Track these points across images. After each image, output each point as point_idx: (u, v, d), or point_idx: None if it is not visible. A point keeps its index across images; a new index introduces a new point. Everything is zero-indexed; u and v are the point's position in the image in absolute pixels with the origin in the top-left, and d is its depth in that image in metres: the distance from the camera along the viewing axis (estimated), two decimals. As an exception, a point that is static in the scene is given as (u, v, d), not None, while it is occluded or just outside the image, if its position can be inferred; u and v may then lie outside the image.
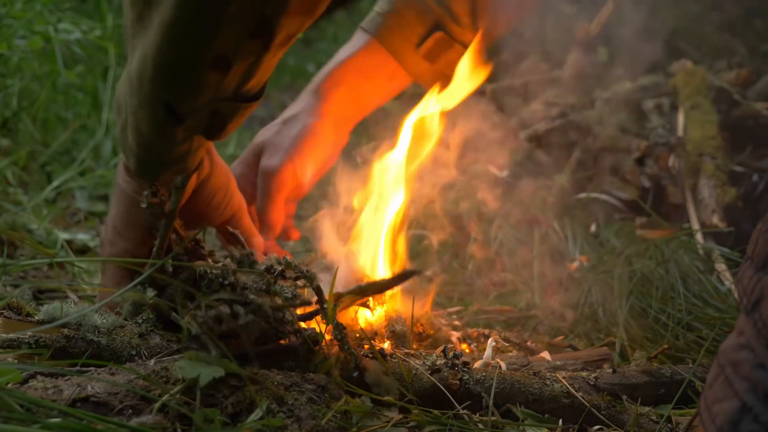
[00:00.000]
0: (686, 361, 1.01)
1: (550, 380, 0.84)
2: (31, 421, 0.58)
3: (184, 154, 0.77)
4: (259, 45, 0.67)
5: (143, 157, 0.77)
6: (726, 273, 1.29)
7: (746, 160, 1.55)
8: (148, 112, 0.71)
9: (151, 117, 0.71)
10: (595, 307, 1.24)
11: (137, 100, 0.71)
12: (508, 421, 0.80)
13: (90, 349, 0.76)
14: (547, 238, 1.56)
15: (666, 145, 1.61)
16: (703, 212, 1.43)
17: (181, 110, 0.71)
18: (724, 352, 0.61)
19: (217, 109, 0.72)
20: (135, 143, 0.75)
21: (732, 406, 0.57)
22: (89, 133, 2.06)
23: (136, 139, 0.75)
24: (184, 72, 0.67)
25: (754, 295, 0.59)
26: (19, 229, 1.39)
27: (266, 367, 0.77)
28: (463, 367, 0.82)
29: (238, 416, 0.69)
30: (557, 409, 0.83)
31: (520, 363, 0.91)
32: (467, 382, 0.81)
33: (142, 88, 0.69)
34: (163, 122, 0.71)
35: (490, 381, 0.82)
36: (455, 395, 0.80)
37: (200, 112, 0.72)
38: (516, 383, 0.83)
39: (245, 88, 0.72)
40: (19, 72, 1.93)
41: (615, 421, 0.83)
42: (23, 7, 1.92)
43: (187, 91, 0.69)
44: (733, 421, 0.57)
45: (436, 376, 0.81)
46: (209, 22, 0.63)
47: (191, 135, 0.75)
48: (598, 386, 0.86)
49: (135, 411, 0.65)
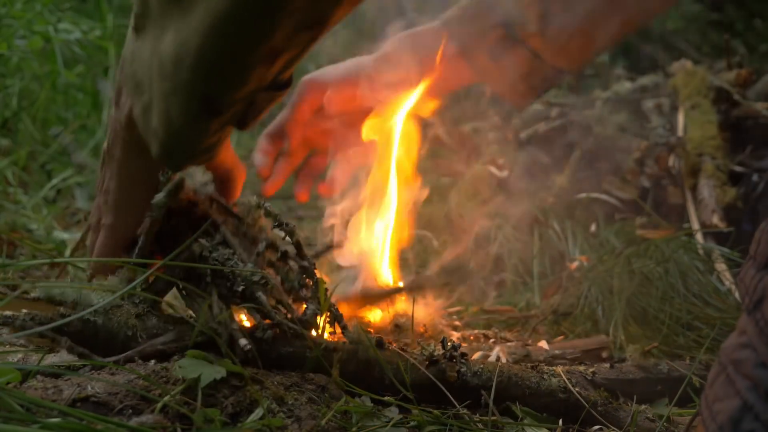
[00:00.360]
0: (684, 359, 1.01)
1: (547, 374, 0.84)
2: (31, 421, 0.58)
3: (214, 144, 0.74)
4: (309, 37, 0.64)
5: (169, 145, 0.72)
6: (726, 273, 1.29)
7: (746, 160, 1.55)
8: (182, 100, 0.66)
9: (185, 107, 0.67)
10: (595, 307, 1.24)
11: (169, 86, 0.66)
12: (507, 420, 0.80)
13: (85, 329, 0.75)
14: (547, 238, 1.56)
15: (666, 145, 1.61)
16: (703, 212, 1.43)
17: (220, 103, 0.67)
18: (725, 351, 0.61)
19: (254, 100, 0.70)
20: (162, 130, 0.70)
21: (733, 404, 0.57)
22: (89, 133, 2.06)
23: (163, 126, 0.70)
24: (232, 66, 0.64)
25: (756, 295, 0.60)
26: (19, 229, 1.39)
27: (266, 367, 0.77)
28: (461, 359, 0.82)
29: (238, 416, 0.69)
30: (554, 403, 0.83)
31: (519, 353, 0.91)
32: (464, 374, 0.81)
33: (179, 75, 0.64)
34: (198, 114, 0.67)
35: (488, 374, 0.82)
36: (452, 387, 0.80)
37: (238, 104, 0.69)
38: (514, 376, 0.83)
39: (282, 77, 0.69)
40: (19, 72, 1.93)
41: (611, 417, 0.83)
42: (23, 7, 1.92)
43: (231, 85, 0.66)
44: (734, 420, 0.57)
45: (433, 368, 0.81)
46: (270, 17, 0.59)
47: (224, 126, 0.72)
48: (595, 381, 0.86)
49: (135, 411, 0.65)
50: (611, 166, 1.69)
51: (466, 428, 0.76)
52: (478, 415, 0.79)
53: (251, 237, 0.82)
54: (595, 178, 1.69)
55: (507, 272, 1.53)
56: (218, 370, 0.69)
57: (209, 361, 0.70)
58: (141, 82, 0.70)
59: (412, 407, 0.76)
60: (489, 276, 1.53)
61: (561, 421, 0.82)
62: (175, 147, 0.72)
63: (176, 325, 0.78)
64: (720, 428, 0.58)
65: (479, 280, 1.52)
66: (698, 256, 1.33)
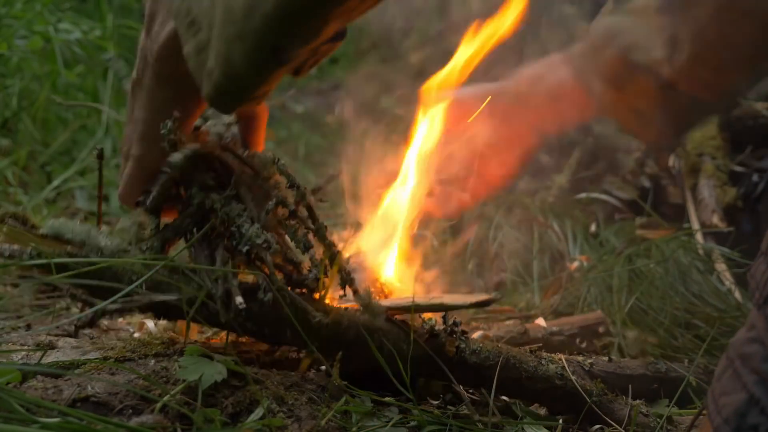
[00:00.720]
0: (682, 360, 1.01)
1: (545, 360, 0.84)
2: (31, 421, 0.58)
3: (268, 91, 0.72)
4: None
5: (224, 87, 0.69)
6: (726, 273, 1.29)
7: (746, 160, 1.55)
8: (249, 48, 0.64)
9: (251, 55, 0.64)
10: (594, 307, 1.24)
11: (236, 31, 0.64)
12: (508, 419, 0.80)
13: (90, 270, 0.72)
14: (547, 238, 1.56)
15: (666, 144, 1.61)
16: (703, 212, 1.43)
17: (289, 54, 0.65)
18: (733, 346, 0.61)
19: (318, 50, 0.69)
20: (219, 72, 0.67)
21: (739, 398, 0.57)
22: (89, 133, 2.06)
23: (221, 68, 0.67)
24: (310, 20, 0.62)
25: (767, 290, 0.60)
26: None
27: (266, 366, 0.77)
28: (461, 336, 0.82)
29: (238, 416, 0.69)
30: (550, 389, 0.83)
31: (516, 330, 0.91)
32: (463, 350, 0.81)
33: (250, 23, 0.62)
34: (264, 63, 0.65)
35: (486, 353, 0.81)
36: (450, 363, 0.80)
37: (305, 55, 0.68)
38: (512, 358, 0.82)
39: (340, 29, 0.68)
40: (19, 72, 1.93)
41: (605, 409, 0.83)
42: (23, 7, 1.92)
43: (305, 37, 0.64)
44: (740, 413, 0.57)
45: (433, 342, 0.80)
46: None
47: (285, 74, 0.70)
48: (593, 372, 0.86)
49: (135, 411, 0.65)
50: (611, 166, 1.69)
51: (467, 428, 0.76)
52: (479, 415, 0.79)
53: (265, 191, 0.80)
54: (595, 178, 1.69)
55: (507, 272, 1.53)
56: (219, 370, 0.69)
57: (209, 358, 0.70)
58: (197, 20, 0.68)
59: (412, 407, 0.77)
60: (489, 276, 1.53)
61: (561, 421, 0.82)
62: (230, 91, 0.69)
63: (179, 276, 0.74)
64: (725, 421, 0.58)
65: (479, 279, 1.52)
66: (698, 256, 1.33)
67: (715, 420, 0.59)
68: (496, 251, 1.57)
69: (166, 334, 0.86)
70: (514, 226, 1.61)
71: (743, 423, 0.56)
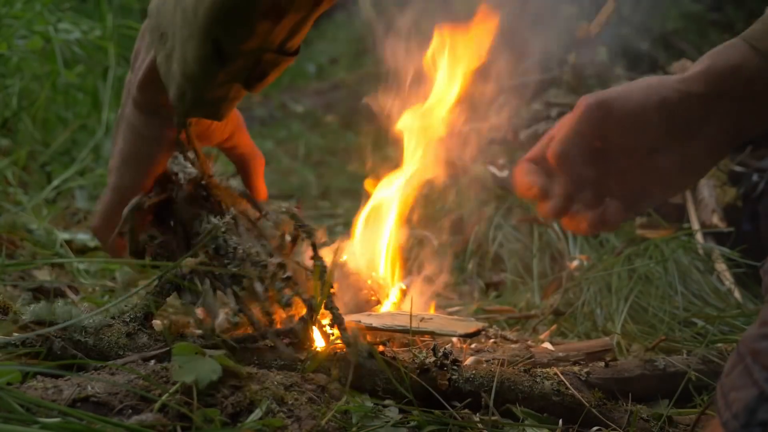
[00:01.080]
0: (680, 352, 1.00)
1: (540, 377, 0.84)
2: (31, 421, 0.58)
3: (220, 99, 0.78)
4: (312, 0, 0.70)
5: (184, 87, 0.77)
6: (726, 273, 1.29)
7: (746, 160, 1.55)
8: (197, 43, 0.72)
9: (199, 49, 0.73)
10: (594, 307, 1.24)
11: (188, 32, 0.73)
12: (508, 421, 0.80)
13: (78, 349, 0.76)
14: (546, 238, 1.56)
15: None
16: (703, 212, 1.43)
17: (227, 51, 0.72)
18: (745, 342, 0.61)
19: (261, 59, 0.74)
20: (179, 72, 0.76)
21: (750, 394, 0.57)
22: (89, 133, 2.06)
23: (180, 68, 0.76)
24: (240, 15, 0.70)
25: None
26: (19, 229, 1.39)
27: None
28: (452, 366, 0.82)
29: (237, 416, 0.69)
30: (548, 406, 0.82)
31: (522, 355, 0.90)
32: (456, 381, 0.81)
33: (196, 20, 0.71)
34: (209, 58, 0.73)
35: (480, 379, 0.81)
36: (445, 393, 0.80)
37: (244, 59, 0.74)
38: (506, 381, 0.82)
39: (289, 44, 0.74)
40: (19, 72, 1.93)
41: (606, 418, 0.82)
42: (23, 7, 1.92)
43: (237, 33, 0.71)
44: (750, 409, 0.57)
45: (425, 377, 0.80)
46: None
47: (231, 81, 0.76)
48: (590, 382, 0.85)
49: (135, 411, 0.65)
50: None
51: (466, 429, 0.76)
52: (479, 415, 0.79)
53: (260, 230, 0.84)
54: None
55: (507, 272, 1.53)
56: (214, 367, 0.69)
57: (201, 354, 0.70)
58: (165, 32, 0.76)
59: (412, 408, 0.77)
60: (489, 276, 1.54)
61: (561, 422, 0.82)
62: (187, 90, 0.77)
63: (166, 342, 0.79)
64: (735, 416, 0.58)
65: (479, 279, 1.52)
66: (698, 256, 1.33)
67: (725, 415, 0.59)
68: (496, 251, 1.57)
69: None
70: (513, 226, 1.61)
71: (753, 419, 0.56)
